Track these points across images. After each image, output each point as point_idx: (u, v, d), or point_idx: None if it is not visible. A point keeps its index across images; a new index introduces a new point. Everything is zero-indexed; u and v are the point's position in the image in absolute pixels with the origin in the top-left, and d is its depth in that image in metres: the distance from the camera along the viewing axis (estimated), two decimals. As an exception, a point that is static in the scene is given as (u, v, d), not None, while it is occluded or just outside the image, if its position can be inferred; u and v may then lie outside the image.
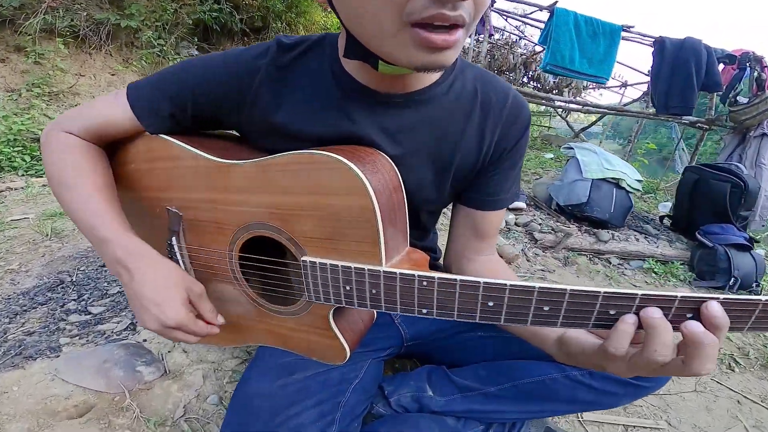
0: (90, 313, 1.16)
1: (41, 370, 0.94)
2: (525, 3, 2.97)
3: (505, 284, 0.44)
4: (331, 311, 0.61)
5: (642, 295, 0.41)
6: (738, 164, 2.34)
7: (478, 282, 0.46)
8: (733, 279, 2.01)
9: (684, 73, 2.78)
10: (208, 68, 0.62)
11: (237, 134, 0.75)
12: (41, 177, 2.88)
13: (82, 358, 0.93)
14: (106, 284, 1.32)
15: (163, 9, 4.31)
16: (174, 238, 0.70)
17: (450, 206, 0.78)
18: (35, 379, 0.92)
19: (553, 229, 2.14)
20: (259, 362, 0.69)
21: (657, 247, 2.20)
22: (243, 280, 0.68)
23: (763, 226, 3.12)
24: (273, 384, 0.63)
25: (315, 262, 0.56)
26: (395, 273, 0.50)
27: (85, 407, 0.88)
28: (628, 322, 0.40)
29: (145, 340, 1.04)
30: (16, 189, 2.64)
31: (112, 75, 4.10)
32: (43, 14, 3.63)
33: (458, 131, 0.64)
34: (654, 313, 0.39)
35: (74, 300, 1.22)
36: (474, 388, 0.76)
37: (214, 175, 0.63)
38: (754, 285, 2.05)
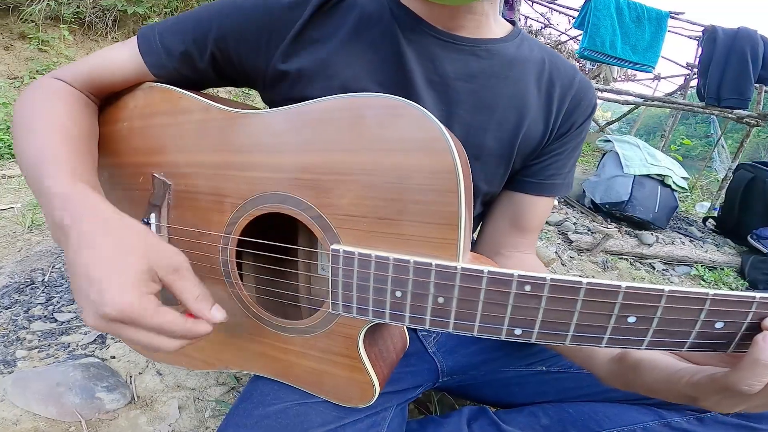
0: (56, 321, 0.98)
1: None
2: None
3: (663, 290, 0.28)
4: (363, 331, 0.42)
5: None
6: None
7: (619, 287, 0.29)
8: None
9: (739, 63, 2.51)
10: (242, 3, 0.51)
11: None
12: (40, 166, 2.77)
13: (30, 379, 0.75)
14: (81, 285, 1.15)
15: (172, -5, 4.19)
16: (153, 215, 0.52)
17: None
18: None
19: (589, 230, 1.91)
20: (239, 410, 0.49)
21: (705, 251, 1.96)
22: (237, 278, 0.49)
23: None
24: None
25: (353, 253, 0.38)
26: (482, 271, 0.32)
27: (35, 438, 0.70)
28: None
29: (113, 357, 0.85)
30: (12, 177, 2.53)
31: (119, 63, 4.00)
32: (48, 1, 3.52)
33: (526, 92, 0.55)
34: None
35: (41, 304, 1.05)
36: None
37: (226, 131, 0.47)
38: None
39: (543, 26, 5.21)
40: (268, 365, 0.51)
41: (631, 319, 0.29)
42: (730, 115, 2.77)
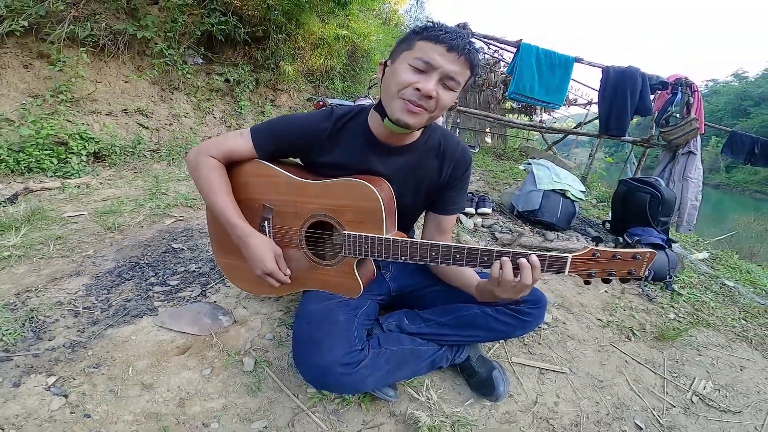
0: (169, 285, 1.61)
1: (148, 324, 1.35)
2: (496, 40, 3.49)
3: (439, 244, 0.97)
4: (355, 262, 1.11)
5: (497, 250, 0.93)
6: (658, 178, 2.88)
7: (427, 243, 0.98)
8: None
9: (621, 99, 3.34)
10: (299, 127, 1.11)
11: (301, 163, 1.26)
12: (70, 179, 3.24)
13: (181, 311, 1.39)
14: (173, 265, 1.77)
15: (173, 20, 4.63)
16: (266, 222, 1.19)
17: (422, 217, 1.31)
18: (146, 330, 1.32)
19: (510, 230, 2.66)
20: (308, 297, 1.17)
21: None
22: (306, 247, 1.17)
23: (690, 230, 3.71)
24: (320, 304, 1.12)
25: (351, 234, 1.05)
26: (390, 238, 1.01)
27: (186, 346, 1.29)
28: (497, 265, 0.92)
29: (215, 302, 1.51)
30: (51, 189, 2.97)
31: (126, 83, 4.42)
32: (69, 24, 3.90)
33: (427, 167, 1.15)
34: (504, 259, 0.91)
35: (153, 276, 1.67)
36: (432, 320, 1.20)
37: (297, 187, 1.12)
38: (667, 277, 2.51)
39: (497, 60, 6.07)
40: (319, 283, 1.18)
41: (458, 255, 0.96)
42: (620, 140, 3.61)
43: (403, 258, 1.01)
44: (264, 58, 5.56)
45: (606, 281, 0.95)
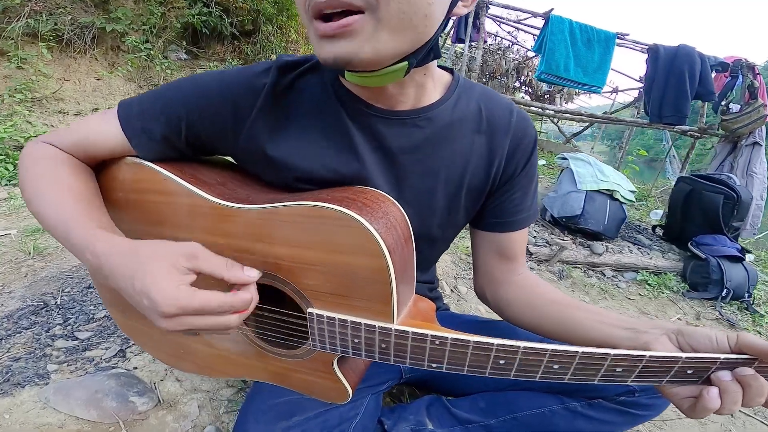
0: (77, 339, 1.11)
1: (31, 398, 0.90)
2: (520, 10, 2.99)
3: (519, 346, 0.44)
4: (336, 358, 0.58)
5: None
6: (730, 175, 2.35)
7: (491, 344, 0.44)
8: (725, 290, 1.99)
9: (677, 81, 2.77)
10: (203, 85, 0.57)
11: (232, 161, 0.70)
12: (25, 186, 2.80)
13: (71, 388, 0.89)
14: (92, 307, 1.27)
15: (150, 12, 4.23)
16: None
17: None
18: (26, 407, 0.88)
19: (547, 242, 2.13)
20: (255, 401, 0.65)
21: (650, 258, 2.21)
22: (244, 324, 0.62)
23: (754, 234, 3.16)
24: (272, 428, 0.59)
25: (323, 315, 0.52)
26: (407, 332, 0.48)
27: (79, 437, 0.83)
28: (714, 394, 0.42)
29: (135, 368, 1.00)
30: None
31: (98, 80, 4.00)
32: (26, 18, 3.52)
33: (465, 147, 0.62)
34: (725, 376, 0.42)
35: (60, 324, 1.17)
36: (474, 421, 0.74)
37: (213, 218, 0.56)
38: (746, 295, 2.03)
39: (511, 43, 5.54)
40: (272, 377, 0.66)
41: (556, 366, 0.44)
42: (674, 130, 3.07)
43: (434, 365, 0.50)
44: (254, 53, 5.15)
45: None
